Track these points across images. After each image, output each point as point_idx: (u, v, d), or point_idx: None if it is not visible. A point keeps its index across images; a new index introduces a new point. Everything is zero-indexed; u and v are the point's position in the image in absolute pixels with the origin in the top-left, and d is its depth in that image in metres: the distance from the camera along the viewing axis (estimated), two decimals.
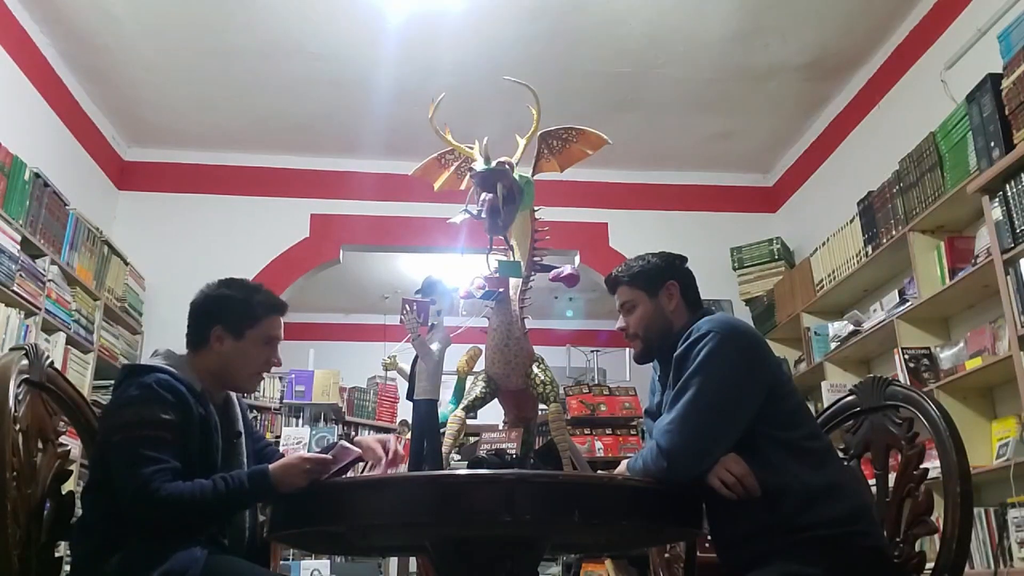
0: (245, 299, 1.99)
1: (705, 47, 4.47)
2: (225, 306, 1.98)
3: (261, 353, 1.99)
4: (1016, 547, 2.98)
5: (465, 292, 1.94)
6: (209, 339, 1.96)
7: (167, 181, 5.39)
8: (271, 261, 5.31)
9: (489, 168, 1.85)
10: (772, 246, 5.33)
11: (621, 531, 1.87)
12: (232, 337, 1.96)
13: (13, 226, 3.64)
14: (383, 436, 2.05)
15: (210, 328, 1.96)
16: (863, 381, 2.00)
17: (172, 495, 1.69)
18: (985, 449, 3.31)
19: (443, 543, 1.73)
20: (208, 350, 1.96)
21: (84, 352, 4.29)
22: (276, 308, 2.03)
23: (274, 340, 2.01)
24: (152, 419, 1.75)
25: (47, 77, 4.40)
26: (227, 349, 1.95)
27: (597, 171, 5.45)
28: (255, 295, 2.01)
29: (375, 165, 5.48)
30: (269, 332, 2.00)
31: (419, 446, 1.82)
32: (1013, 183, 2.98)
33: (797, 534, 1.65)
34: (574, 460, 1.89)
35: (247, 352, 1.97)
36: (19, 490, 1.72)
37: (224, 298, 1.99)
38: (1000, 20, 3.47)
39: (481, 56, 4.47)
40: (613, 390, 4.60)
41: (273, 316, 2.01)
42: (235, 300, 1.99)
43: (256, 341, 1.97)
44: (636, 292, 1.96)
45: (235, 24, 4.23)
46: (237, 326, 1.96)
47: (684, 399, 1.73)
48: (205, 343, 1.96)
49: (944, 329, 3.80)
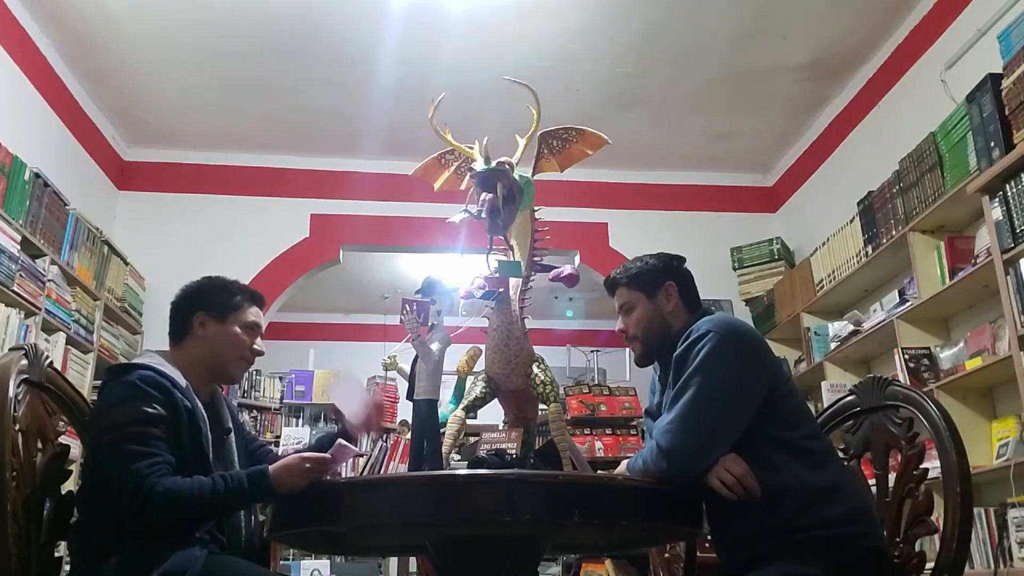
0: (225, 286, 2.05)
1: (705, 47, 4.47)
2: (206, 293, 2.03)
3: (245, 339, 2.01)
4: (1016, 547, 2.98)
5: (465, 292, 1.94)
6: (192, 325, 1.98)
7: (167, 181, 5.39)
8: (271, 261, 5.31)
9: (489, 168, 1.85)
10: (772, 246, 5.33)
11: (621, 531, 1.87)
12: (215, 321, 1.99)
13: (13, 226, 3.64)
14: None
15: (192, 315, 1.99)
16: (863, 381, 2.00)
17: (171, 491, 1.68)
18: (985, 449, 3.31)
19: (443, 543, 1.73)
20: (192, 337, 1.98)
21: (84, 352, 4.29)
22: (255, 298, 2.08)
23: (256, 327, 2.05)
24: (140, 416, 1.75)
25: (47, 77, 4.40)
26: (211, 333, 1.98)
27: (597, 171, 5.44)
28: (233, 285, 2.07)
29: (375, 165, 5.48)
30: (248, 319, 2.03)
31: (419, 446, 1.82)
32: (1013, 183, 2.98)
33: (797, 534, 1.65)
34: (574, 460, 1.89)
35: (231, 335, 1.99)
36: (19, 490, 1.72)
37: (203, 287, 2.05)
38: (1000, 20, 3.47)
39: (481, 56, 4.47)
40: (613, 390, 4.60)
41: (252, 304, 2.05)
42: (215, 287, 2.04)
43: (239, 324, 2.00)
44: (634, 293, 1.97)
45: (235, 24, 4.23)
46: (220, 310, 2.00)
47: (684, 399, 1.73)
48: (188, 331, 1.99)
49: (944, 329, 3.80)
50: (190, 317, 1.99)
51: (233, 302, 2.01)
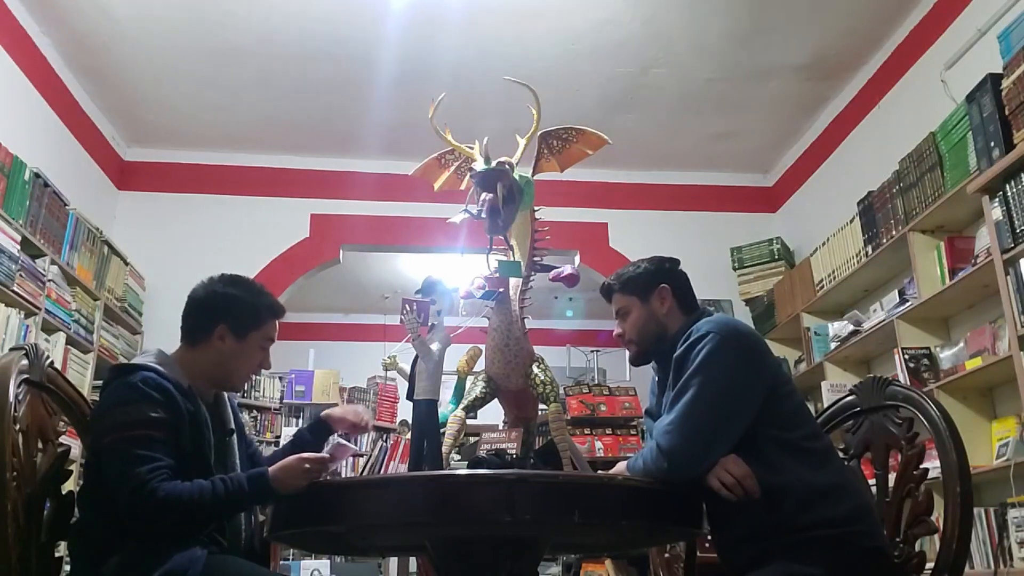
0: (252, 302, 2.00)
1: (705, 47, 4.47)
2: (232, 305, 1.97)
3: (258, 355, 2.00)
4: (1016, 547, 2.98)
5: (465, 292, 1.94)
6: (212, 336, 1.95)
7: (167, 181, 5.40)
8: (271, 261, 5.32)
9: (489, 168, 1.85)
10: (772, 246, 5.33)
11: (621, 531, 1.86)
12: (235, 337, 1.95)
13: (13, 226, 3.64)
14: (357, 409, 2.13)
15: (214, 325, 1.95)
16: (863, 381, 2.00)
17: (171, 495, 1.68)
18: (985, 449, 3.31)
19: (443, 543, 1.73)
20: (208, 346, 1.95)
21: (84, 352, 4.29)
22: (277, 312, 2.04)
23: (270, 342, 2.03)
24: (141, 418, 1.74)
25: (47, 77, 4.40)
26: (228, 348, 1.95)
27: (597, 171, 5.45)
28: (260, 298, 2.02)
29: (375, 165, 5.48)
30: (268, 334, 2.01)
31: (419, 446, 1.82)
32: (1013, 183, 2.98)
33: (797, 534, 1.66)
34: (574, 460, 1.89)
35: (246, 353, 1.97)
36: (19, 490, 1.72)
37: (231, 297, 1.99)
38: (1000, 20, 3.47)
39: (481, 56, 4.47)
40: (613, 390, 4.60)
41: (273, 319, 2.02)
42: (242, 301, 1.99)
43: (256, 343, 1.98)
44: (628, 298, 1.98)
45: (235, 24, 4.23)
46: (242, 327, 1.96)
47: (684, 400, 1.73)
48: (207, 339, 1.95)
49: (944, 329, 3.80)
50: (211, 327, 1.95)
51: (257, 319, 1.98)
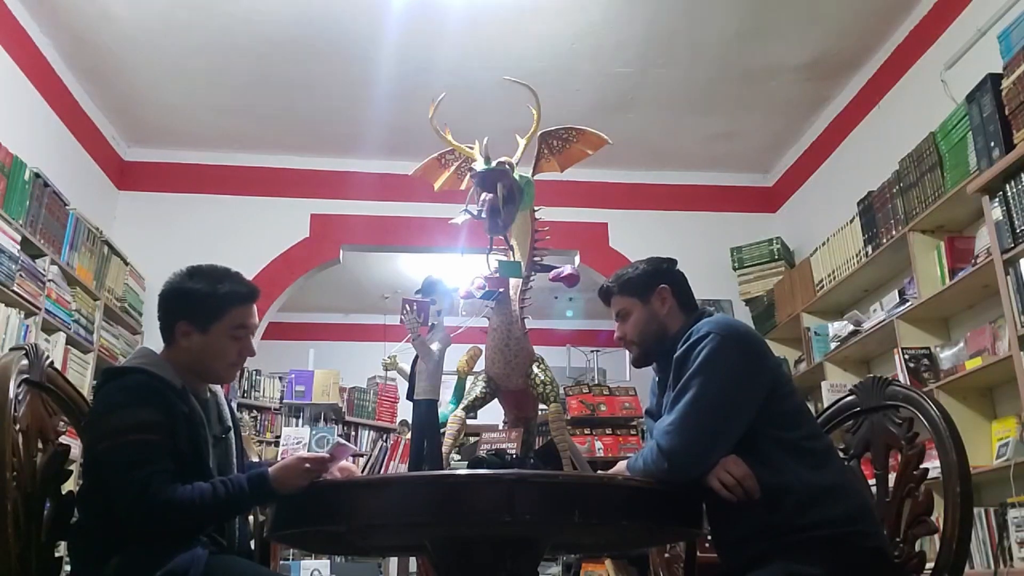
0: (209, 292, 1.89)
1: (705, 47, 4.47)
2: (188, 300, 1.90)
3: (230, 345, 1.91)
4: (1016, 547, 2.98)
5: (465, 292, 1.95)
6: (175, 334, 1.89)
7: (167, 181, 5.40)
8: (271, 261, 5.32)
9: (489, 168, 1.85)
10: (772, 246, 5.33)
11: (621, 531, 1.87)
12: (198, 332, 1.88)
13: (13, 226, 3.64)
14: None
15: (175, 324, 1.89)
16: (863, 381, 2.00)
17: (171, 501, 1.66)
18: (985, 449, 3.31)
19: (443, 543, 1.73)
20: (177, 344, 1.90)
21: (84, 352, 4.29)
22: (242, 298, 1.92)
23: (243, 330, 1.92)
24: (136, 422, 1.72)
25: (47, 77, 4.40)
26: (194, 344, 1.88)
27: (597, 171, 5.45)
28: (219, 286, 1.90)
29: (375, 165, 5.48)
30: (236, 322, 1.90)
31: (419, 446, 1.82)
32: (1013, 183, 2.98)
33: (798, 534, 1.66)
34: (574, 460, 1.89)
35: (213, 346, 1.89)
36: (19, 490, 1.72)
37: (187, 292, 1.90)
38: (1000, 20, 3.47)
39: (481, 56, 4.47)
40: (613, 390, 4.60)
41: (239, 306, 1.91)
42: (198, 294, 1.89)
43: (222, 335, 1.89)
44: (628, 300, 1.98)
45: (235, 24, 4.23)
46: (201, 321, 1.88)
47: (684, 400, 1.73)
48: (172, 339, 1.90)
49: (944, 329, 3.80)
50: (172, 325, 1.90)
51: (217, 310, 1.88)
